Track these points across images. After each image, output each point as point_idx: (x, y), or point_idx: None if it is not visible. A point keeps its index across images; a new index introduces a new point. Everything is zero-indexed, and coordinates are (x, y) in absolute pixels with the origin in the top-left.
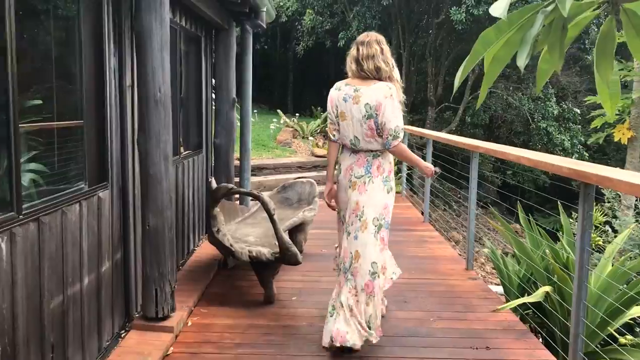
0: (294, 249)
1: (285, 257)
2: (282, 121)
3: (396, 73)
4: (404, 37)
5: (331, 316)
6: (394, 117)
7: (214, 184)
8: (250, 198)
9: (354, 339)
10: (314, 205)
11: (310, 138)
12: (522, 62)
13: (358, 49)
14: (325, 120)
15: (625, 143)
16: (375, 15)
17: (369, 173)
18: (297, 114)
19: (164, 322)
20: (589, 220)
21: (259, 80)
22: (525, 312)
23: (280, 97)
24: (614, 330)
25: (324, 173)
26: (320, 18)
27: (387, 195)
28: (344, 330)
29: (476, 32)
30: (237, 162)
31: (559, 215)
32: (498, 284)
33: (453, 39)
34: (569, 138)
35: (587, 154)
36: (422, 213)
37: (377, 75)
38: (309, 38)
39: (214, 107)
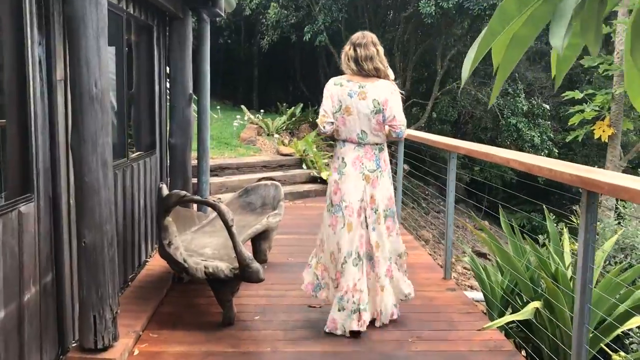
0: (256, 265)
1: (246, 275)
2: (246, 118)
3: (390, 72)
4: (371, 31)
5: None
6: (399, 110)
7: (164, 191)
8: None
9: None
10: (279, 209)
11: (276, 135)
12: (559, 41)
13: (356, 50)
14: (291, 117)
15: (606, 141)
16: (342, 9)
17: (379, 167)
18: (262, 110)
19: (105, 353)
20: (592, 233)
21: (222, 75)
22: (510, 325)
23: (245, 93)
24: (605, 345)
25: (291, 173)
26: (285, 12)
27: (391, 187)
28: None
29: (445, 27)
30: (195, 162)
31: (528, 213)
32: (474, 288)
33: (421, 34)
34: (538, 134)
35: (556, 151)
36: None
37: (377, 74)
38: (273, 32)
39: (168, 104)
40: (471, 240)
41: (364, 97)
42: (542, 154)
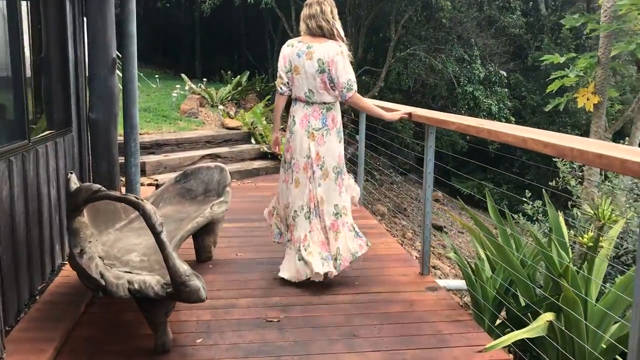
0: (194, 283)
1: (182, 295)
2: (187, 87)
3: (339, 30)
4: None
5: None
6: (345, 72)
7: (72, 184)
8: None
9: (318, 268)
10: (225, 196)
11: (220, 107)
12: None
13: (304, 9)
14: (237, 86)
15: (591, 110)
16: None
17: (325, 126)
18: (204, 79)
19: None
20: None
21: (163, 42)
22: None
23: (188, 62)
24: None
25: (238, 148)
26: None
27: (339, 145)
28: (318, 265)
29: None
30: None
31: (479, 180)
32: (453, 275)
33: None
34: (495, 102)
35: (513, 119)
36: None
37: (321, 32)
38: None
39: (87, 72)
40: (437, 216)
41: (310, 57)
42: (501, 122)
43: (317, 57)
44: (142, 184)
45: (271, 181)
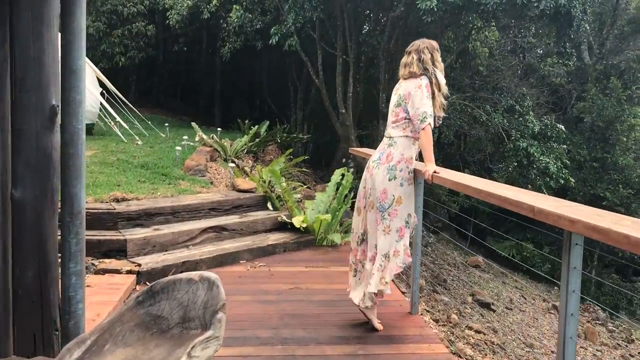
0: None
1: None
2: (197, 138)
3: (437, 72)
4: (350, 35)
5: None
6: (421, 104)
7: None
8: None
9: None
10: (215, 328)
11: (231, 165)
12: None
13: (403, 57)
14: (254, 137)
15: None
16: (317, 7)
17: (379, 160)
18: (219, 129)
19: None
20: None
21: (182, 88)
22: None
23: (206, 109)
24: None
25: (250, 217)
26: (250, 15)
27: (387, 182)
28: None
29: (439, 28)
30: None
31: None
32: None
33: (410, 37)
34: (553, 160)
35: (572, 180)
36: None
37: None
38: (236, 39)
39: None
40: (467, 283)
41: (395, 93)
42: (558, 184)
43: (399, 93)
44: (118, 272)
45: (290, 264)
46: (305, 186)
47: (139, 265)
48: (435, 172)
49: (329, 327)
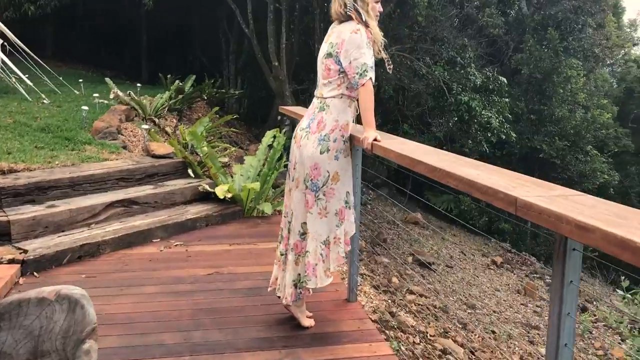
0: None
1: None
2: (111, 96)
3: (360, 10)
4: None
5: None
6: (360, 53)
7: None
8: None
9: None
10: None
11: (144, 126)
12: None
13: None
14: (177, 93)
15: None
16: None
17: (308, 128)
18: (138, 85)
19: None
20: None
21: (105, 42)
22: None
23: (133, 63)
24: None
25: (166, 188)
26: None
27: (319, 155)
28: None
29: None
30: None
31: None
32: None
33: None
34: (495, 115)
35: (514, 135)
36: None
37: (340, 18)
38: None
39: None
40: (407, 241)
41: (326, 41)
42: (499, 139)
43: (329, 40)
44: None
45: (212, 242)
46: (236, 147)
47: (25, 251)
48: (376, 139)
49: (251, 326)
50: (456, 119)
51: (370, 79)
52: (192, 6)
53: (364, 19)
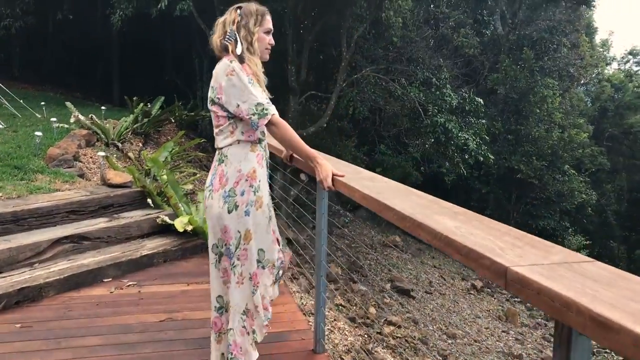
0: None
1: None
2: (72, 120)
3: (237, 47)
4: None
5: None
6: (248, 95)
7: None
8: None
9: None
10: None
11: (100, 153)
12: None
13: None
14: (144, 116)
15: None
16: None
17: (210, 185)
18: (102, 108)
19: None
20: None
21: (77, 62)
22: None
23: (104, 84)
24: None
25: (121, 221)
26: None
27: (227, 215)
28: None
29: None
30: None
31: None
32: None
33: (319, 5)
34: (472, 137)
35: (492, 157)
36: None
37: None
38: (127, 4)
39: None
40: (386, 266)
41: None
42: (476, 161)
43: (211, 84)
44: None
45: (168, 281)
46: (206, 172)
47: None
48: (335, 174)
49: None
50: (433, 140)
51: (274, 113)
52: (164, 25)
53: (239, 52)
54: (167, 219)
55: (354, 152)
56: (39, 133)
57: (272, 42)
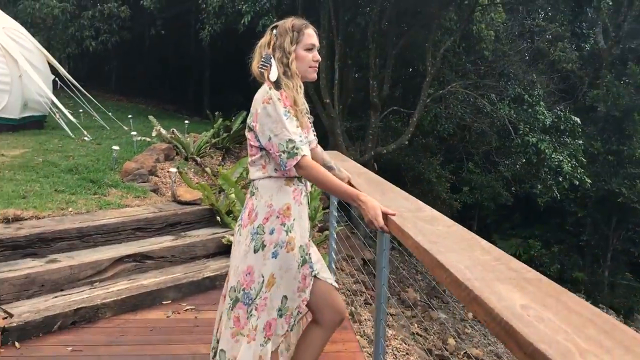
0: None
1: None
2: (154, 133)
3: (272, 71)
4: (336, 15)
5: None
6: (278, 127)
7: None
8: None
9: None
10: None
11: (172, 170)
12: None
13: None
14: (224, 130)
15: None
16: None
17: (240, 220)
18: (186, 122)
19: None
20: None
21: (170, 75)
22: None
23: (196, 97)
24: None
25: (187, 239)
26: None
27: (253, 255)
28: None
29: (438, 5)
30: None
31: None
32: None
33: (405, 18)
34: (567, 158)
35: (589, 181)
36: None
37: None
38: (216, 20)
39: None
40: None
41: None
42: (567, 184)
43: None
44: None
45: None
46: None
47: (10, 315)
48: (384, 212)
49: None
50: (524, 160)
51: (305, 155)
52: (252, 40)
53: (273, 79)
54: (231, 238)
55: (439, 170)
56: (116, 147)
57: (318, 57)
